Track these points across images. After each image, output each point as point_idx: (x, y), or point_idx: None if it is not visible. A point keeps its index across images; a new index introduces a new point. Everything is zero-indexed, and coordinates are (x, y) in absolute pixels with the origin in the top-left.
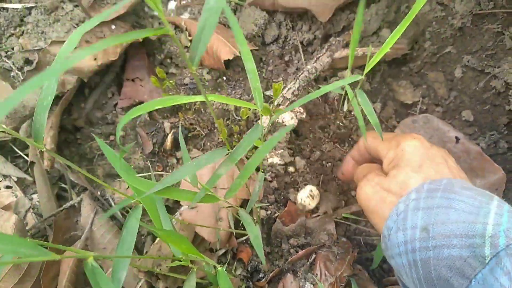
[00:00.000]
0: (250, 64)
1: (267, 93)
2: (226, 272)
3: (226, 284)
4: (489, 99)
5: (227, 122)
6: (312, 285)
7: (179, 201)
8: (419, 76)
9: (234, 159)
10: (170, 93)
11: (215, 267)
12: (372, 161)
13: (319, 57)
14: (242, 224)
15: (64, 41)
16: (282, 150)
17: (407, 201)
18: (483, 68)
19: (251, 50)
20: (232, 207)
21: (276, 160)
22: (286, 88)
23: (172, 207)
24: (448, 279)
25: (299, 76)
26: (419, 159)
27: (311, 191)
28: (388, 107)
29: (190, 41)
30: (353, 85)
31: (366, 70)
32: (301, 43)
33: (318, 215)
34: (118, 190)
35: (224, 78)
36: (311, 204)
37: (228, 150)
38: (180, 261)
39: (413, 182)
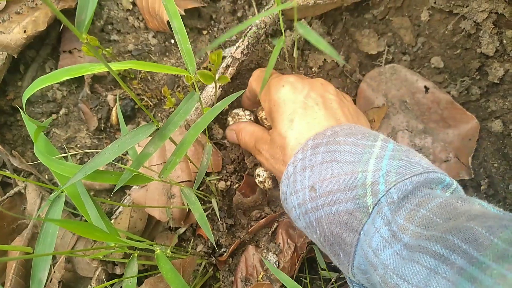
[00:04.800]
0: (177, 22)
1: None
2: (186, 251)
3: (167, 266)
4: (459, 43)
5: (178, 89)
6: (275, 255)
7: None
8: (383, 23)
9: (164, 136)
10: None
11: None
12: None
13: (268, 9)
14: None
15: None
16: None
17: (294, 163)
18: (451, 8)
19: (198, 8)
20: (185, 182)
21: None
22: (235, 47)
23: (125, 186)
24: (341, 235)
25: (247, 32)
26: (291, 112)
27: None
28: (351, 59)
29: (132, 3)
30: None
31: None
32: None
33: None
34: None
35: (172, 41)
36: (271, 184)
37: (156, 125)
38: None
39: (291, 143)
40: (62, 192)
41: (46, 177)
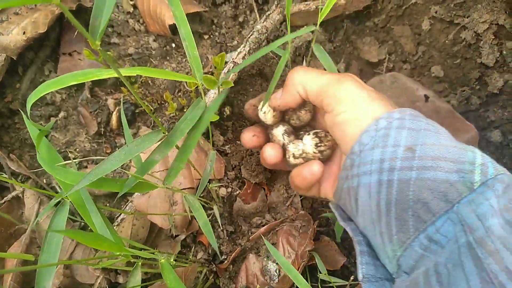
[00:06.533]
0: (184, 29)
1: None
2: (186, 258)
3: (171, 276)
4: (459, 53)
5: (179, 94)
6: (275, 264)
7: None
8: (384, 32)
9: (171, 143)
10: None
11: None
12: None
13: (269, 14)
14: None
15: None
16: None
17: (389, 118)
18: (452, 18)
19: (200, 12)
20: (188, 189)
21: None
22: (236, 53)
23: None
24: (428, 202)
25: (249, 38)
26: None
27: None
28: (352, 67)
29: (133, 6)
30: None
31: (320, 19)
32: (256, 1)
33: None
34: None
35: (173, 45)
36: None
37: (163, 132)
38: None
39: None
40: (65, 199)
41: (44, 181)
